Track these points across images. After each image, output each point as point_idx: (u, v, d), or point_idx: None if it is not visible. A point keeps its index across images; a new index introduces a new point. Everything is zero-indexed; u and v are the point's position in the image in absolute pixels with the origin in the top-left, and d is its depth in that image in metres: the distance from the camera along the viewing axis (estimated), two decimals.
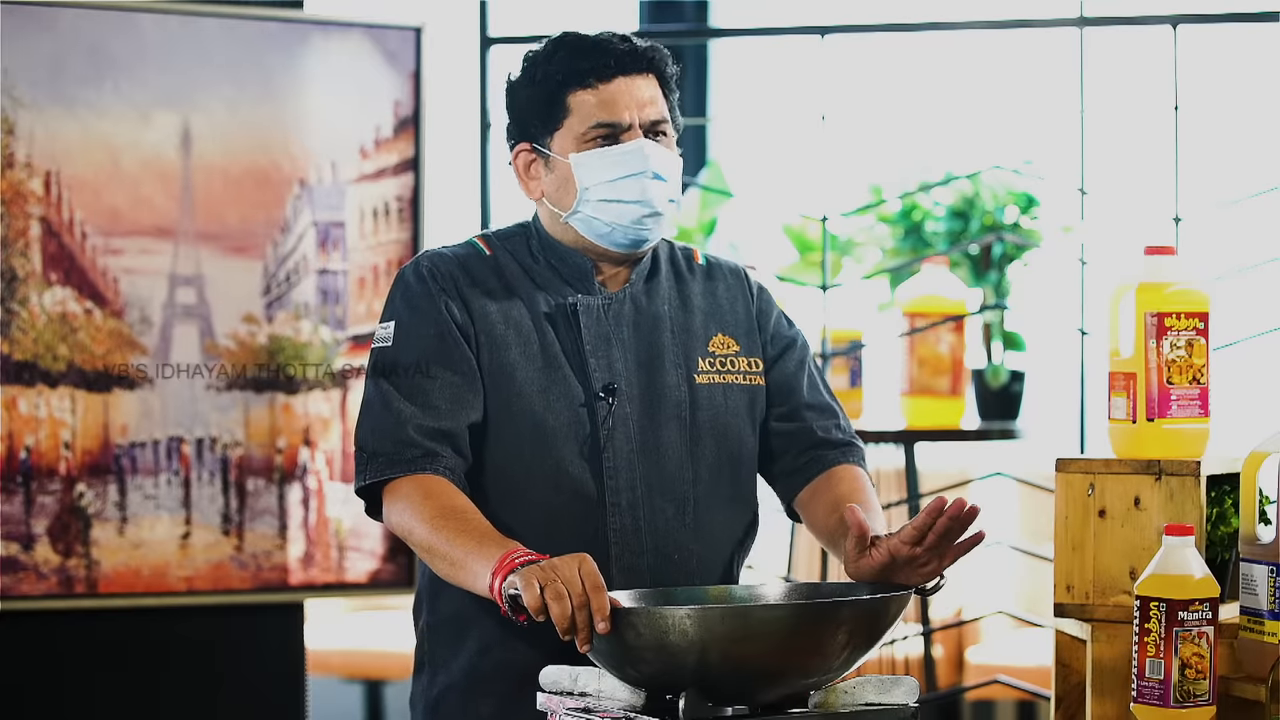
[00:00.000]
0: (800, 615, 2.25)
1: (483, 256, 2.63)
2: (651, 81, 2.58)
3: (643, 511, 2.55)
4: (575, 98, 2.56)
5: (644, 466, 2.56)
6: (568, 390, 2.56)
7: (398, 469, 2.51)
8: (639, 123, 2.56)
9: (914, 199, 4.77)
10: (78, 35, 3.78)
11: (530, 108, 2.60)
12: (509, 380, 2.56)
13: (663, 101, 2.59)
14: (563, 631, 2.24)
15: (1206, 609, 2.42)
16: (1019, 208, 4.69)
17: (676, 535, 2.57)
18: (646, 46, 2.59)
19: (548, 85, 2.57)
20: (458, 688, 2.59)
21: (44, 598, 3.77)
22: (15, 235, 3.74)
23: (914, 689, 2.33)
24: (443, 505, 2.47)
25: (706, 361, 2.63)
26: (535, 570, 2.27)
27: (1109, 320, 2.65)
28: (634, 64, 2.57)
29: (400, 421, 2.52)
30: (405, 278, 2.61)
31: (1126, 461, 2.61)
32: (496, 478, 2.56)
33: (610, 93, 2.56)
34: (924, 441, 4.58)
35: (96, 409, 3.80)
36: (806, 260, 5.07)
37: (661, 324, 2.62)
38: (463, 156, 4.76)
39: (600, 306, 2.60)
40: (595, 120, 2.55)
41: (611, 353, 2.58)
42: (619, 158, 2.55)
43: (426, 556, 2.48)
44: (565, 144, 2.57)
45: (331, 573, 3.98)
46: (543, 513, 2.53)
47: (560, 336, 2.58)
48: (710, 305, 2.67)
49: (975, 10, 4.69)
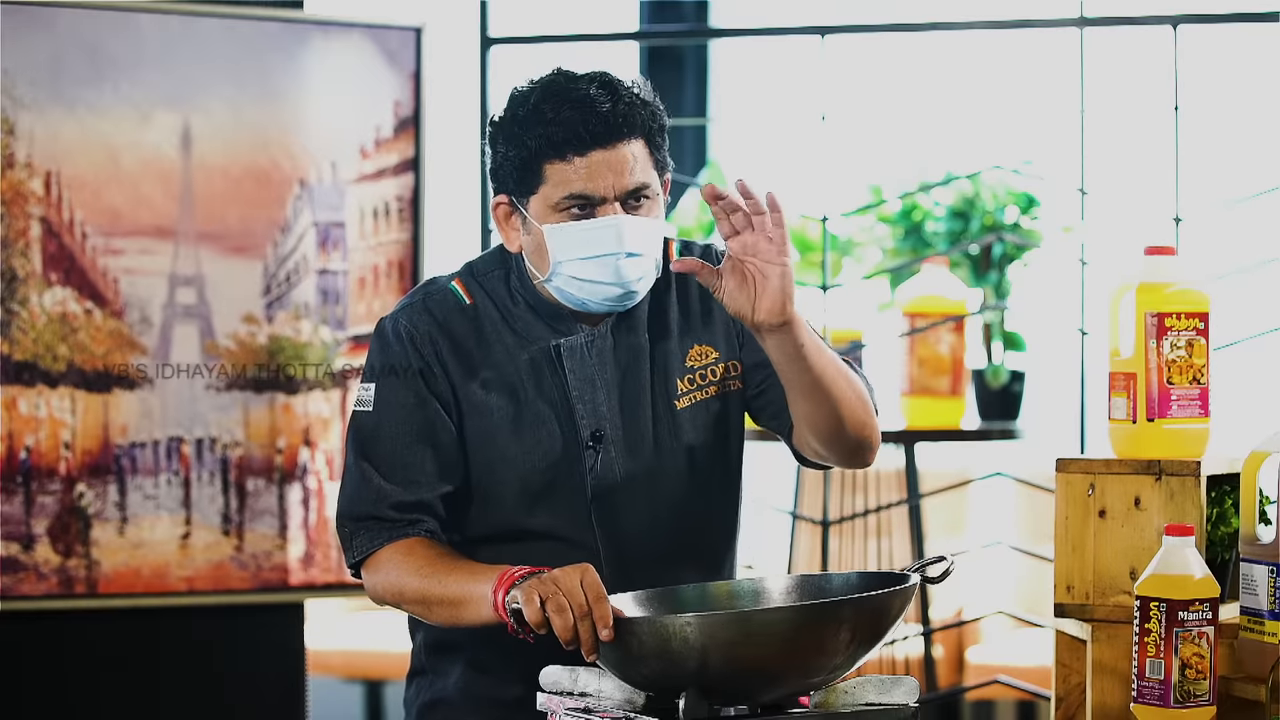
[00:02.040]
0: (802, 617, 2.24)
1: (463, 308, 2.57)
2: (636, 145, 2.47)
3: (633, 557, 2.55)
4: (551, 167, 2.46)
5: (632, 507, 2.55)
6: (552, 446, 2.54)
7: (380, 540, 2.50)
8: (616, 195, 2.46)
9: (914, 199, 4.77)
10: (77, 35, 3.78)
11: (507, 167, 2.50)
12: (491, 446, 2.54)
13: (646, 164, 2.48)
14: (566, 643, 2.24)
15: (1206, 609, 2.42)
16: (1019, 208, 4.69)
17: (673, 568, 2.55)
18: (628, 106, 2.46)
19: (524, 151, 2.47)
20: (450, 702, 2.60)
21: (44, 598, 3.77)
22: (15, 235, 3.74)
23: (914, 689, 2.33)
24: (428, 555, 2.47)
25: (686, 380, 2.59)
26: (535, 584, 2.27)
27: (1109, 320, 2.65)
28: (614, 133, 2.45)
29: (379, 499, 2.51)
30: (386, 338, 2.56)
31: (1126, 461, 2.61)
32: (488, 533, 2.55)
33: (586, 166, 2.45)
34: (924, 441, 4.58)
35: (96, 409, 3.79)
36: (806, 260, 5.07)
37: (641, 355, 2.58)
38: (463, 156, 4.77)
39: (584, 346, 2.56)
40: (569, 192, 2.46)
41: (596, 396, 2.55)
42: (592, 235, 2.46)
43: (424, 610, 2.46)
44: (540, 210, 2.48)
45: (331, 573, 3.98)
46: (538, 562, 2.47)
47: (544, 386, 2.55)
48: (684, 317, 2.61)
49: (975, 10, 4.69)
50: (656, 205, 2.50)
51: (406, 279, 4.01)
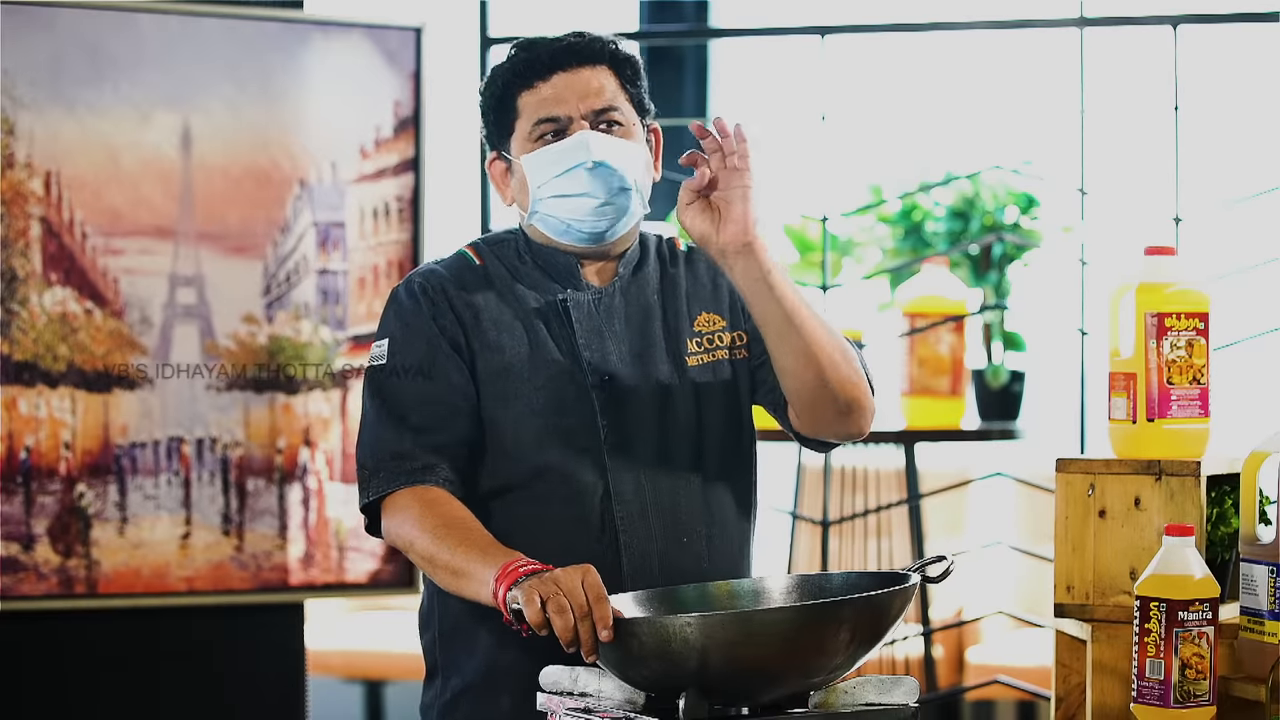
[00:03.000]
0: (803, 617, 2.24)
1: (473, 267, 2.63)
2: (603, 72, 2.58)
3: (648, 498, 2.56)
4: (522, 99, 2.58)
5: (645, 453, 2.57)
6: (566, 383, 2.57)
7: (397, 481, 2.52)
8: (582, 114, 2.55)
9: (914, 199, 4.77)
10: (77, 35, 3.78)
11: (489, 115, 2.62)
12: (505, 379, 2.56)
13: (616, 91, 2.58)
14: (566, 644, 2.25)
15: (1206, 609, 2.42)
16: (1019, 208, 4.69)
17: (684, 518, 2.58)
18: (594, 38, 2.59)
19: (497, 91, 2.59)
20: (474, 688, 2.59)
21: (44, 598, 3.77)
22: (15, 235, 3.74)
23: (914, 689, 2.33)
24: (444, 515, 2.47)
25: (694, 342, 2.63)
26: (536, 584, 2.27)
27: (1109, 320, 2.65)
28: (575, 57, 2.57)
29: (398, 435, 2.53)
30: (398, 296, 2.62)
31: (1126, 461, 2.61)
32: (504, 471, 2.56)
33: (551, 88, 2.56)
34: (924, 441, 4.58)
35: (96, 409, 3.79)
36: (806, 260, 5.07)
37: (652, 314, 2.63)
38: (463, 156, 4.77)
39: (590, 301, 2.60)
40: (537, 117, 2.56)
41: (605, 346, 2.59)
42: (561, 153, 2.55)
43: (428, 567, 2.47)
44: (519, 146, 2.59)
45: (331, 573, 3.98)
46: (550, 506, 2.54)
47: (553, 333, 2.59)
48: (694, 286, 2.67)
49: (975, 10, 4.68)
50: (632, 135, 2.59)
51: None
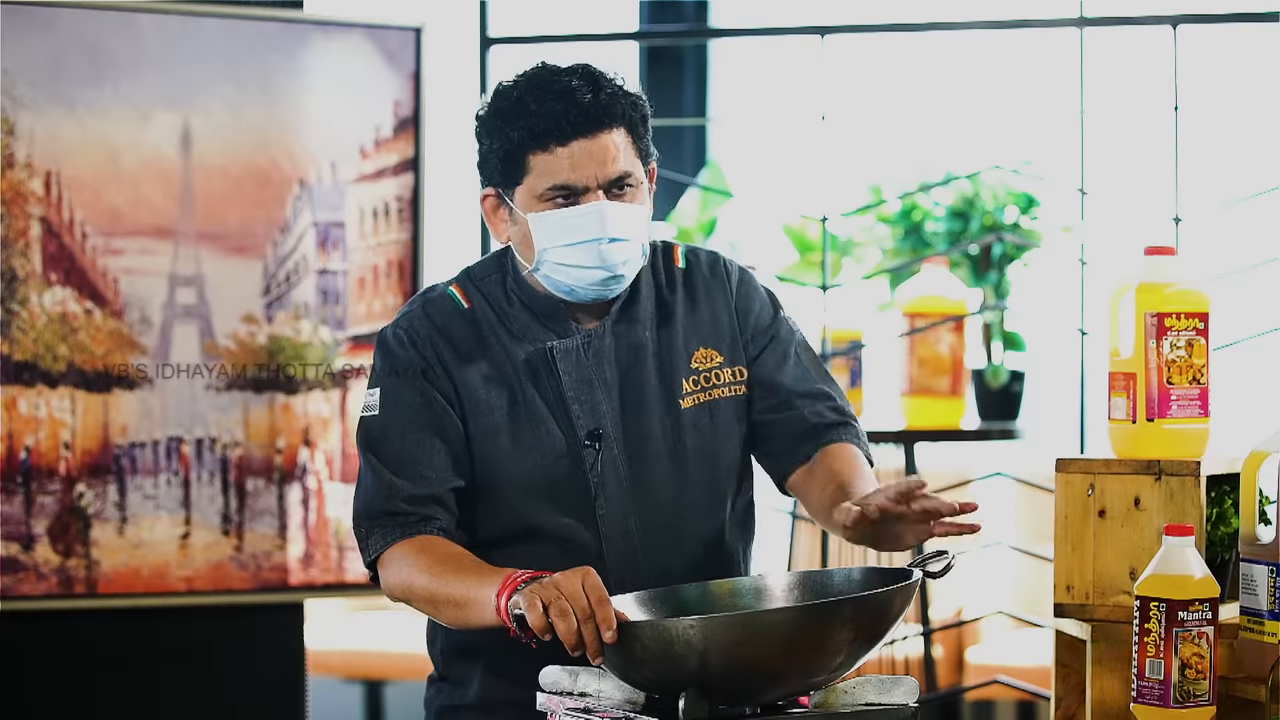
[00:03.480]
0: (805, 616, 2.24)
1: (460, 312, 2.60)
2: (618, 134, 2.51)
3: (640, 557, 2.55)
4: (535, 158, 2.51)
5: (637, 508, 2.56)
6: (553, 445, 2.55)
7: (394, 535, 2.52)
8: (599, 183, 2.50)
9: (914, 199, 4.77)
10: (77, 35, 3.78)
11: (492, 160, 2.55)
12: (494, 444, 2.55)
13: (629, 153, 2.52)
14: (571, 648, 2.24)
15: (1206, 609, 2.42)
16: (1019, 208, 4.69)
17: (675, 569, 2.55)
18: (608, 97, 2.50)
19: (508, 144, 2.52)
20: (470, 707, 2.62)
21: (44, 598, 3.76)
22: (15, 235, 3.74)
23: (914, 689, 2.33)
24: (439, 554, 2.48)
25: (691, 381, 2.60)
26: (538, 588, 2.26)
27: (1109, 320, 2.65)
28: (595, 123, 2.49)
29: (391, 494, 2.52)
30: (388, 345, 2.59)
31: (1126, 461, 2.61)
32: (492, 532, 2.56)
33: (569, 156, 2.49)
34: (924, 441, 4.58)
35: (96, 409, 3.79)
36: (806, 260, 5.07)
37: (643, 353, 2.60)
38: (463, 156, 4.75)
39: (579, 347, 2.57)
40: (552, 183, 2.50)
41: (594, 395, 2.56)
42: (575, 221, 2.49)
43: (431, 609, 2.47)
44: (526, 200, 2.53)
45: (331, 573, 3.98)
46: (539, 564, 2.48)
47: (541, 386, 2.56)
48: (691, 320, 2.63)
49: (975, 10, 4.69)
50: (640, 193, 2.54)
51: (406, 279, 4.01)
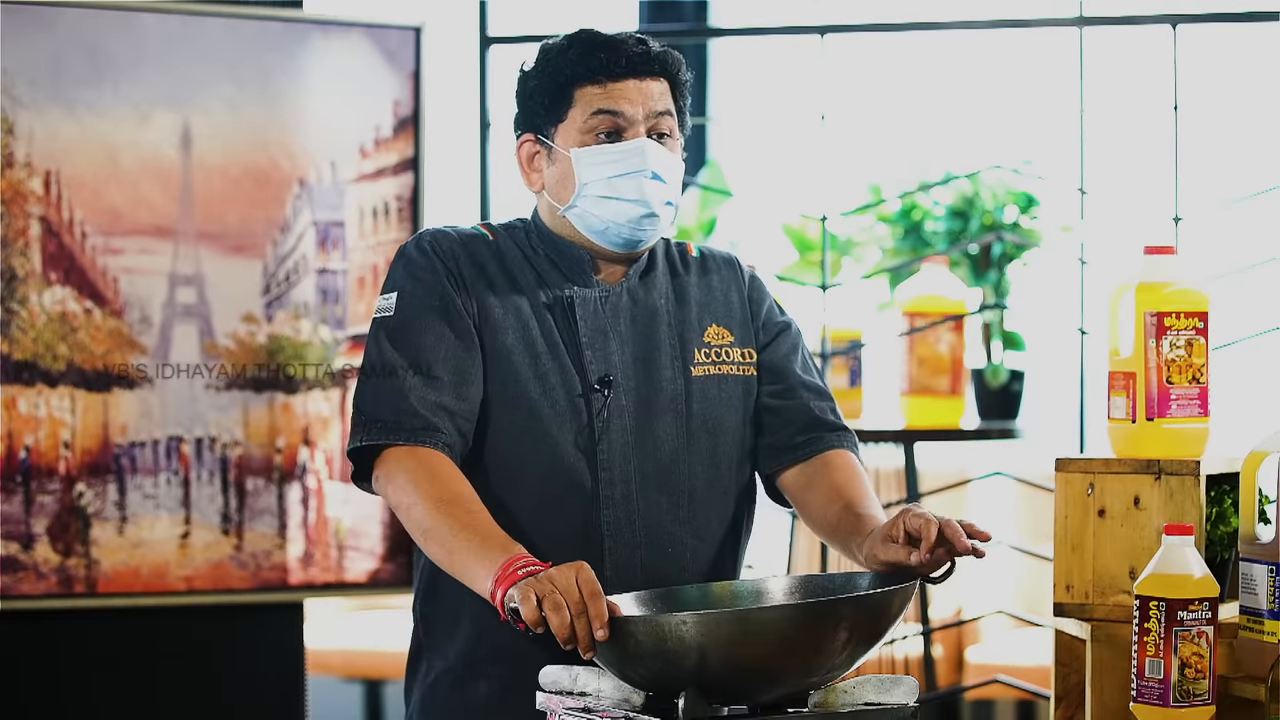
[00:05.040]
0: (800, 616, 2.24)
1: (486, 240, 2.63)
2: (662, 85, 2.59)
3: (637, 504, 2.55)
4: (582, 92, 2.57)
5: (639, 459, 2.56)
6: (564, 379, 2.56)
7: (397, 437, 2.49)
8: (643, 122, 2.56)
9: (914, 199, 4.77)
10: (77, 35, 3.78)
11: (538, 98, 2.60)
12: (506, 364, 2.55)
13: (671, 105, 2.60)
14: (563, 641, 2.24)
15: (1206, 609, 2.42)
16: (1019, 208, 4.69)
17: (670, 528, 2.57)
18: (661, 50, 2.59)
19: (557, 78, 2.58)
20: (453, 672, 2.59)
21: (43, 597, 3.77)
22: (15, 235, 3.74)
23: (914, 689, 2.32)
24: (447, 489, 2.45)
25: (702, 353, 2.63)
26: (532, 583, 2.26)
27: (1109, 320, 2.65)
28: (646, 66, 2.57)
29: (403, 390, 2.50)
30: (407, 251, 2.61)
31: (1126, 461, 2.61)
32: (494, 459, 2.55)
33: (618, 89, 2.56)
34: (924, 441, 4.58)
35: (96, 409, 3.79)
36: (806, 260, 5.07)
37: (658, 317, 2.63)
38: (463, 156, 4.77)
39: (597, 299, 2.60)
40: (598, 107, 2.55)
41: (608, 345, 2.58)
42: (619, 155, 2.55)
43: (421, 537, 2.45)
44: (568, 137, 2.58)
45: (331, 572, 3.98)
46: (537, 499, 2.53)
47: (559, 326, 2.58)
48: (705, 297, 2.67)
49: (975, 10, 4.68)
50: (677, 148, 2.61)
51: None
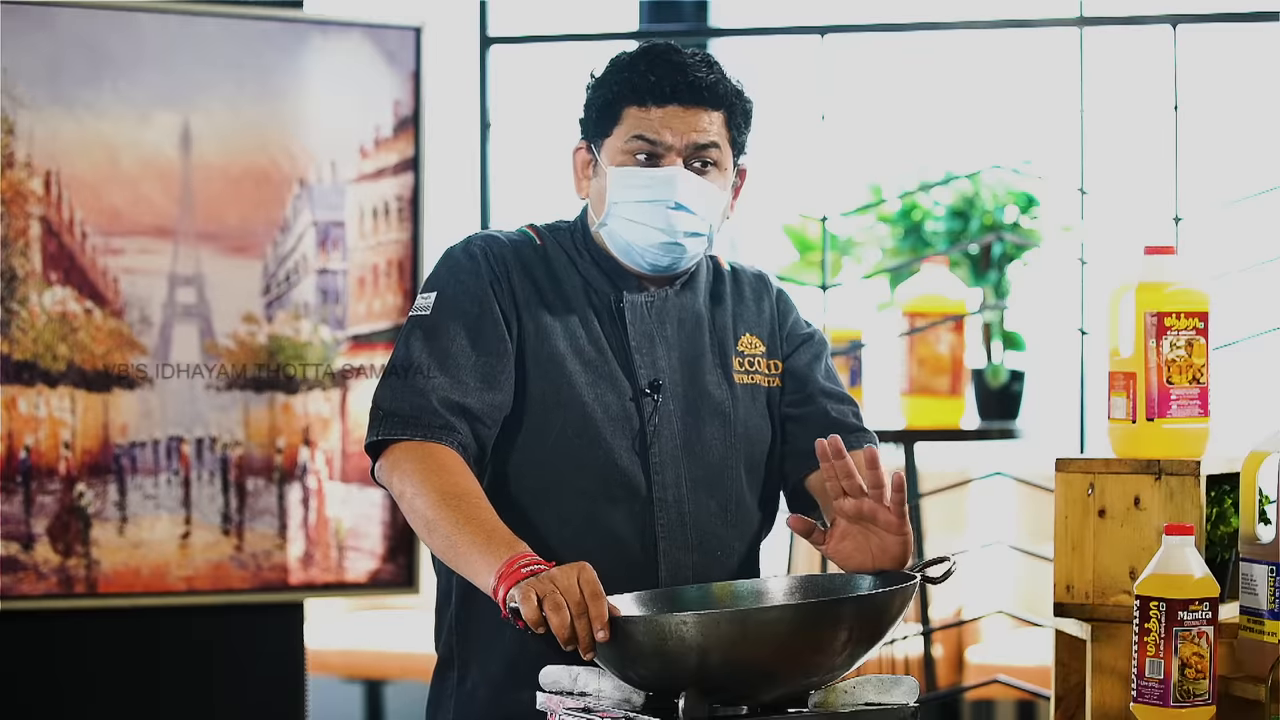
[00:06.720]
0: (800, 616, 2.24)
1: (534, 245, 2.63)
2: (713, 116, 2.57)
3: (688, 508, 2.57)
4: (628, 112, 2.57)
5: (688, 463, 2.58)
6: (615, 384, 2.57)
7: (415, 432, 2.49)
8: (680, 151, 2.55)
9: (914, 199, 4.77)
10: (77, 35, 3.78)
11: (592, 109, 2.61)
12: (558, 369, 2.56)
13: (720, 137, 2.58)
14: (563, 641, 2.24)
15: (1206, 609, 2.42)
16: (1019, 208, 4.68)
17: (719, 532, 2.59)
18: (718, 80, 2.57)
19: (609, 93, 2.58)
20: (495, 681, 2.57)
21: (44, 597, 3.77)
22: (15, 235, 3.74)
23: (914, 689, 2.33)
24: (453, 483, 2.44)
25: (738, 361, 2.65)
26: (534, 583, 2.26)
27: (1109, 320, 2.65)
28: (693, 96, 2.55)
29: (425, 390, 2.50)
30: (454, 254, 2.61)
31: (1126, 461, 2.61)
32: (545, 464, 2.54)
33: (661, 116, 2.55)
34: (924, 441, 4.58)
35: (96, 409, 3.79)
36: (806, 260, 5.07)
37: (702, 323, 2.65)
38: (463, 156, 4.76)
39: (645, 304, 2.61)
40: (636, 132, 2.55)
41: (655, 350, 2.60)
42: (648, 181, 2.55)
43: (424, 529, 2.44)
44: (611, 154, 2.59)
45: (331, 572, 3.98)
46: (590, 505, 2.53)
47: (606, 332, 2.59)
48: (738, 306, 2.70)
49: (975, 10, 4.69)
50: (722, 177, 2.60)
51: (406, 279, 4.01)
